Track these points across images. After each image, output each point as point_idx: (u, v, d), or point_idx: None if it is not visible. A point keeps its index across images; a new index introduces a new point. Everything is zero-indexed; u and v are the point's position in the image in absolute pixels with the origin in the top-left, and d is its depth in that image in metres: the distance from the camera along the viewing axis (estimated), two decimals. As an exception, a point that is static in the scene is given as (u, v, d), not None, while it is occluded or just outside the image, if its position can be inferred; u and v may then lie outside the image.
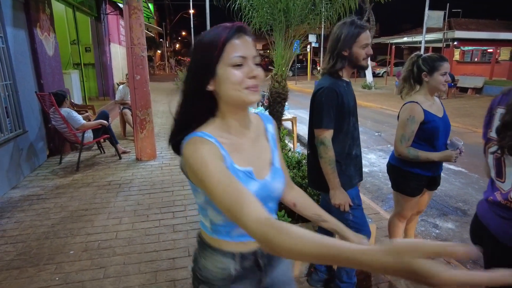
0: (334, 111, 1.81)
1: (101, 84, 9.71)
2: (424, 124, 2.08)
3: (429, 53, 2.22)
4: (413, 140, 2.13)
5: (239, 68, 0.86)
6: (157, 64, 39.04)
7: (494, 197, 1.26)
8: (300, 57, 27.74)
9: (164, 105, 10.83)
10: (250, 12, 3.10)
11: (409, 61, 2.23)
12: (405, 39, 19.29)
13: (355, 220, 1.90)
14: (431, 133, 2.09)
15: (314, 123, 1.88)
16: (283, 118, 4.84)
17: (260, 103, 5.37)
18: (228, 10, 3.24)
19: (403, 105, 2.19)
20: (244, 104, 0.90)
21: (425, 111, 2.09)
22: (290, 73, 23.39)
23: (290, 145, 5.02)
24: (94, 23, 9.31)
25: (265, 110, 4.48)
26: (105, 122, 5.08)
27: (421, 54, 2.21)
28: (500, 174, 1.25)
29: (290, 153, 3.42)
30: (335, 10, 3.34)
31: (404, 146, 2.11)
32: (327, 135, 1.82)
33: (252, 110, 4.35)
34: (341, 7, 3.44)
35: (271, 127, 1.10)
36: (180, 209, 3.50)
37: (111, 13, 10.14)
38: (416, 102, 2.10)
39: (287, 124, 6.82)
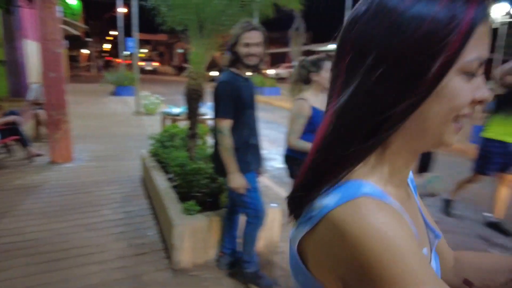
0: (232, 103, 2.00)
1: (12, 83, 8.89)
2: (311, 118, 2.36)
3: (313, 56, 2.52)
4: (304, 132, 2.40)
5: (469, 81, 0.46)
6: (84, 64, 36.59)
7: None
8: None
9: (87, 107, 10.27)
10: (165, 11, 3.17)
11: (299, 65, 2.52)
12: (329, 46, 20.78)
13: (251, 201, 2.11)
14: (317, 126, 2.39)
15: (214, 114, 2.05)
16: (207, 117, 4.97)
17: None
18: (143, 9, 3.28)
19: (294, 102, 2.45)
20: (437, 147, 0.51)
21: (312, 107, 2.37)
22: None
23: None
24: (4, 16, 8.51)
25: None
26: (14, 119, 4.72)
27: (305, 58, 2.51)
28: None
29: (208, 149, 3.56)
30: (251, 15, 3.56)
31: (293, 138, 2.34)
32: (225, 124, 2.00)
33: (173, 109, 4.38)
34: (257, 12, 3.66)
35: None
36: (96, 209, 3.42)
37: (23, 6, 9.35)
38: (304, 99, 2.38)
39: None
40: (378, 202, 0.44)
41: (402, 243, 0.40)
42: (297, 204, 0.51)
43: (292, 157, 2.54)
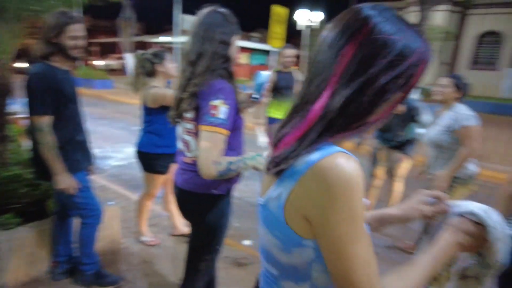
0: (50, 97, 1.85)
1: None
2: None
3: (152, 49, 2.58)
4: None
5: None
6: None
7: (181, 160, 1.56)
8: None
9: None
10: None
11: (139, 59, 2.52)
12: (160, 38, 20.76)
13: (84, 201, 2.04)
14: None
15: (30, 110, 1.86)
16: (20, 116, 4.26)
17: None
18: None
19: (147, 92, 2.43)
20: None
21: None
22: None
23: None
24: None
25: None
26: None
27: (145, 52, 2.55)
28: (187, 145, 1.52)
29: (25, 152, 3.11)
30: (63, 3, 3.22)
31: None
32: (44, 121, 1.84)
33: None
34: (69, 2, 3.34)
35: None
36: None
37: None
38: (157, 86, 2.43)
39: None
40: (349, 156, 0.60)
41: (361, 191, 0.57)
42: (282, 163, 0.64)
43: (145, 152, 2.52)
